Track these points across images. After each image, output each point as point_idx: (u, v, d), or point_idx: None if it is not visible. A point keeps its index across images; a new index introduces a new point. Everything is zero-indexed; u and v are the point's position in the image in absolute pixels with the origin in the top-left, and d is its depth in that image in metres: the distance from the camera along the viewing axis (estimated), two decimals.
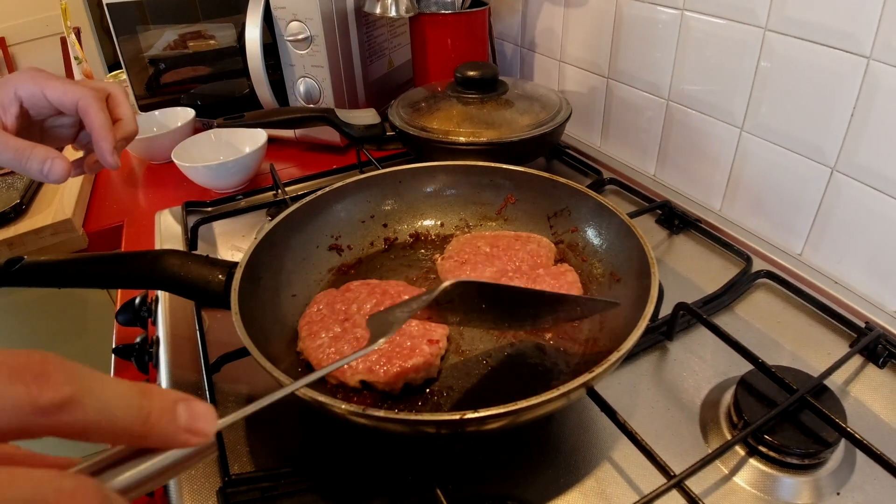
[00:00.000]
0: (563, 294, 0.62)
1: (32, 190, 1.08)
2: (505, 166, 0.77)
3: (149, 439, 0.25)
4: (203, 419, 0.27)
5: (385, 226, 0.78)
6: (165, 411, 0.25)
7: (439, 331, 0.60)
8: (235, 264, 0.60)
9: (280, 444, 0.57)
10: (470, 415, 0.42)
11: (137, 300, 0.78)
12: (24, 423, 0.22)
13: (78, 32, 1.60)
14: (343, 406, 0.43)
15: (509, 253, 0.70)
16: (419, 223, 0.79)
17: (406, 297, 0.63)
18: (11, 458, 0.25)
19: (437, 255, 0.74)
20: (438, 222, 0.79)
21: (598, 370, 0.46)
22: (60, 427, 0.23)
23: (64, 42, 3.22)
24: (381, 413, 0.43)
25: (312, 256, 0.72)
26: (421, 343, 0.57)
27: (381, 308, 0.62)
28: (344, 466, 0.54)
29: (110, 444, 0.25)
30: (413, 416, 0.43)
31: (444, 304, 0.47)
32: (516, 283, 0.66)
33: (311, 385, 0.44)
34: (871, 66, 0.64)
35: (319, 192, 0.73)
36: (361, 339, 0.58)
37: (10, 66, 3.51)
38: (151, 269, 0.58)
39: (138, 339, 0.72)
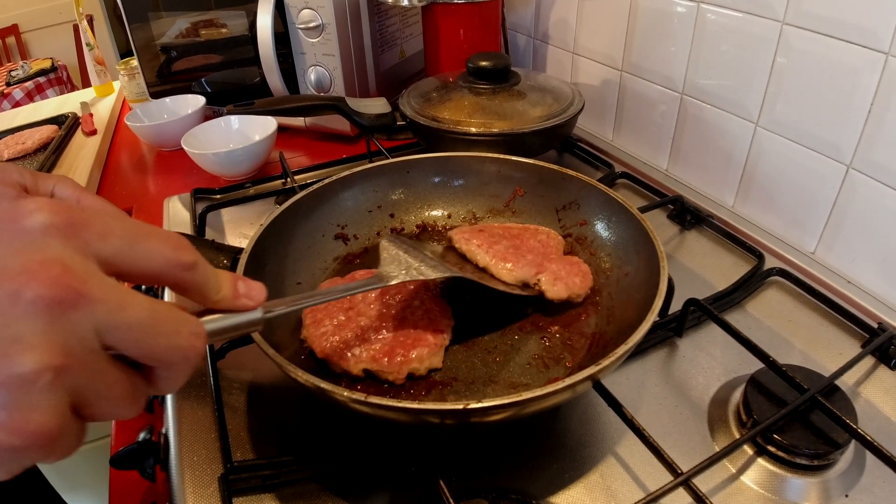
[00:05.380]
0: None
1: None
2: (514, 158, 0.76)
3: (220, 302, 0.36)
4: (255, 290, 0.38)
5: (392, 216, 0.78)
6: (232, 283, 0.37)
7: (444, 321, 0.60)
8: (241, 250, 0.59)
9: (282, 433, 0.57)
10: (473, 405, 0.42)
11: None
12: (168, 273, 0.32)
13: (90, 20, 1.60)
14: (346, 393, 0.43)
15: (520, 239, 0.69)
16: (426, 214, 0.79)
17: (412, 287, 0.63)
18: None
19: (449, 232, 0.73)
20: (446, 213, 0.79)
21: (604, 363, 0.45)
22: (183, 281, 0.33)
23: (76, 29, 3.24)
24: (384, 401, 0.43)
25: (318, 245, 0.71)
26: (425, 333, 0.57)
27: (387, 297, 0.61)
28: (347, 456, 0.53)
29: (198, 304, 0.36)
30: (416, 405, 0.42)
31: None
32: (529, 258, 0.65)
33: (313, 373, 0.45)
34: (890, 62, 0.63)
35: (326, 181, 0.72)
36: (366, 327, 0.57)
37: (23, 52, 3.53)
38: None
39: None
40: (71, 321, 0.26)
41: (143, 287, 0.76)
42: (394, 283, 0.54)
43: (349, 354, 0.55)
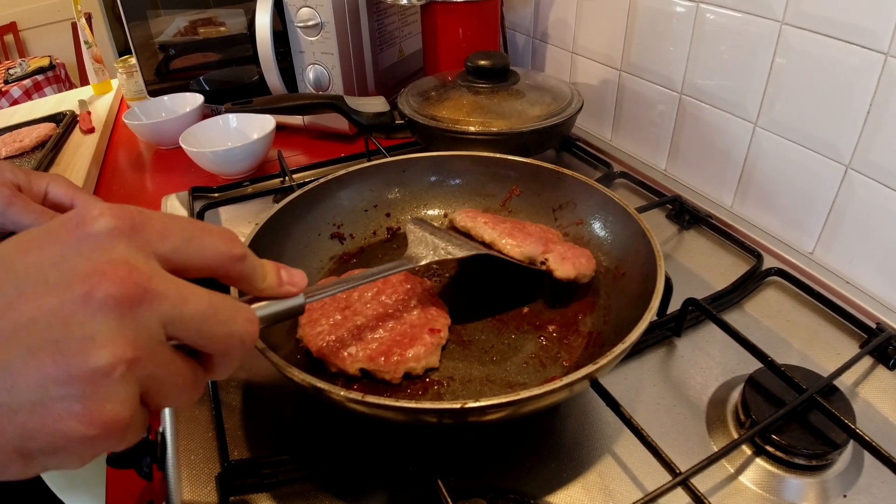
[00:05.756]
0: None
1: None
2: (510, 157, 0.76)
3: (266, 290, 0.39)
4: (296, 277, 0.41)
5: (388, 215, 0.77)
6: (276, 272, 0.39)
7: (441, 320, 0.59)
8: None
9: (280, 432, 0.57)
10: (471, 404, 0.42)
11: None
12: (221, 265, 0.34)
13: (89, 18, 1.59)
14: (342, 393, 0.43)
15: (522, 224, 0.69)
16: (423, 213, 0.79)
17: (408, 287, 0.63)
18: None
19: (451, 214, 0.72)
20: (442, 212, 0.79)
21: (601, 362, 0.45)
22: (235, 272, 0.35)
23: (74, 27, 3.23)
24: (380, 400, 0.42)
25: (314, 244, 0.71)
26: (422, 332, 0.57)
27: (383, 296, 0.61)
28: (344, 456, 0.53)
29: (247, 293, 0.39)
30: (412, 405, 0.42)
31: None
32: (534, 237, 0.65)
33: (309, 372, 0.45)
34: (889, 62, 0.63)
35: (322, 180, 0.72)
36: (362, 326, 0.57)
37: (21, 50, 3.53)
38: None
39: None
40: (139, 316, 0.28)
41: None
42: (423, 263, 0.56)
43: (345, 354, 0.55)
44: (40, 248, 0.29)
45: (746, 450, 0.53)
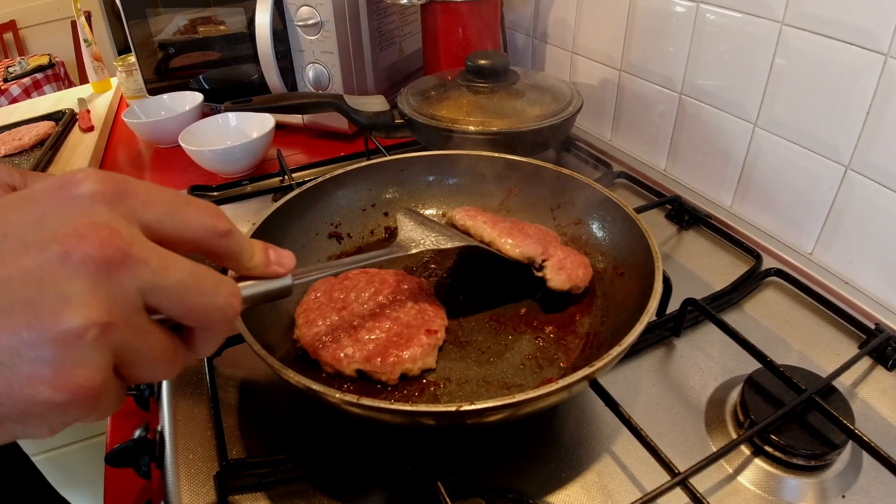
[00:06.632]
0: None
1: (39, 171, 1.08)
2: (508, 156, 0.76)
3: (253, 269, 0.38)
4: (285, 258, 0.40)
5: (386, 214, 0.77)
6: (263, 251, 0.39)
7: (438, 321, 0.59)
8: None
9: (279, 431, 0.57)
10: (465, 407, 0.42)
11: None
12: (205, 239, 0.33)
13: (88, 16, 1.59)
14: (337, 395, 0.43)
15: (522, 224, 0.69)
16: (421, 212, 0.78)
17: (405, 287, 0.63)
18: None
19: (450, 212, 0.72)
20: (440, 212, 0.78)
21: (598, 364, 0.45)
22: (219, 248, 0.35)
23: (74, 25, 3.23)
24: (375, 403, 0.42)
25: (311, 244, 0.71)
26: (419, 333, 0.57)
27: (380, 297, 0.61)
28: (343, 455, 0.53)
29: (234, 271, 0.38)
30: (408, 408, 0.42)
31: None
32: (533, 238, 0.64)
33: (304, 374, 0.45)
34: (889, 63, 0.63)
35: (319, 179, 0.72)
36: (358, 327, 0.57)
37: (21, 48, 3.52)
38: None
39: None
40: (117, 281, 0.27)
41: None
42: (413, 251, 0.57)
43: (342, 355, 0.55)
44: (21, 210, 0.28)
45: (745, 450, 0.53)
